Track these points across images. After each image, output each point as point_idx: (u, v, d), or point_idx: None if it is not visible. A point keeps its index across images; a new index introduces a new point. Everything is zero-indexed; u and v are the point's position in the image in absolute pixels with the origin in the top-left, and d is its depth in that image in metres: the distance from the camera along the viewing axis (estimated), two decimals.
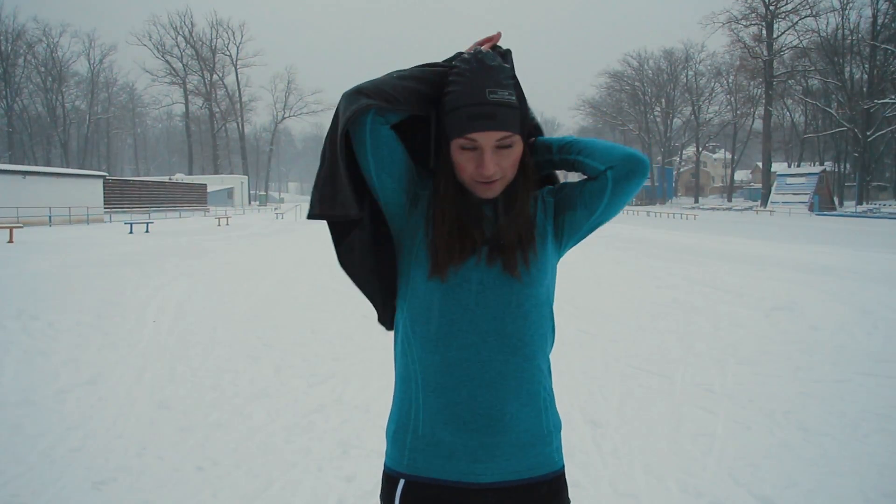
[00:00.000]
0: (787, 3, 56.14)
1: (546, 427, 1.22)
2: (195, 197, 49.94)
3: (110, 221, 32.61)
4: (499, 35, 1.29)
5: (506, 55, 1.25)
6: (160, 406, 4.11)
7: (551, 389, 1.27)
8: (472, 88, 1.13)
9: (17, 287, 8.58)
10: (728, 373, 4.80)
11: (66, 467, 3.15)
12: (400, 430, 1.22)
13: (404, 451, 1.20)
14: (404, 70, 1.22)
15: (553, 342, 1.28)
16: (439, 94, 1.20)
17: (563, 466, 1.26)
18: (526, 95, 1.22)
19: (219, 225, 29.76)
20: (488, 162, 1.13)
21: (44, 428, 3.66)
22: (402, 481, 1.19)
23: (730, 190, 74.23)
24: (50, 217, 29.17)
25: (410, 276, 1.22)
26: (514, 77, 1.19)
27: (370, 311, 1.34)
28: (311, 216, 1.23)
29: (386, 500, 1.22)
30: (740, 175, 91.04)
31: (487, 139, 1.12)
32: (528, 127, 1.21)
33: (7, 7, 74.01)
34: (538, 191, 1.28)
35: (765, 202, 54.93)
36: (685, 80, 77.19)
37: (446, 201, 1.19)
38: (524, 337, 1.19)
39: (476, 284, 1.18)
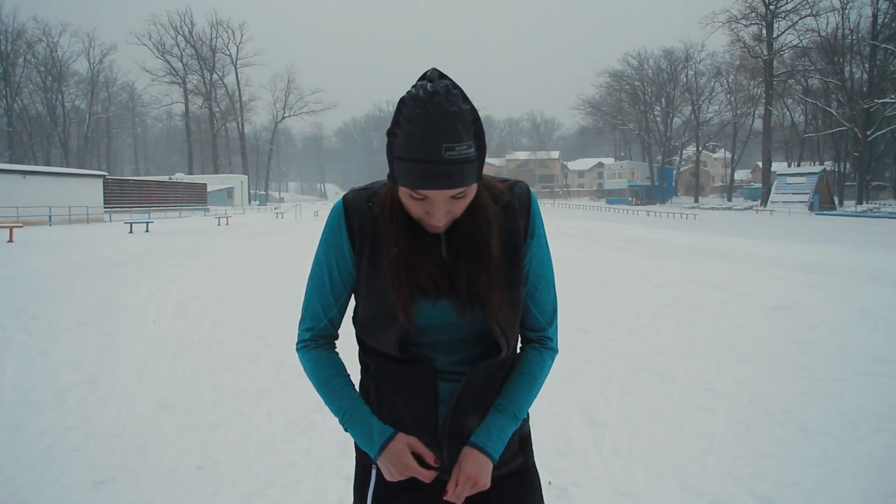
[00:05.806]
0: (787, 3, 56.21)
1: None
2: (195, 196, 49.92)
3: (110, 221, 32.61)
4: None
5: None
6: (160, 406, 4.11)
7: None
8: (426, 141, 0.98)
9: (16, 286, 8.57)
10: (728, 373, 4.79)
11: (66, 467, 3.15)
12: None
13: None
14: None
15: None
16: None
17: (531, 460, 1.26)
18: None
19: (219, 224, 29.74)
20: (440, 214, 1.05)
21: (44, 428, 3.66)
22: (374, 470, 1.20)
23: (730, 189, 74.23)
24: (50, 217, 29.18)
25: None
26: (475, 117, 1.03)
27: None
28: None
29: (359, 487, 1.23)
30: (740, 175, 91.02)
31: (441, 195, 1.03)
32: (483, 161, 1.09)
33: (7, 6, 74.54)
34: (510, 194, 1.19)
35: (765, 202, 54.91)
36: (685, 79, 77.32)
37: (396, 232, 1.13)
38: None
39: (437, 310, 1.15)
